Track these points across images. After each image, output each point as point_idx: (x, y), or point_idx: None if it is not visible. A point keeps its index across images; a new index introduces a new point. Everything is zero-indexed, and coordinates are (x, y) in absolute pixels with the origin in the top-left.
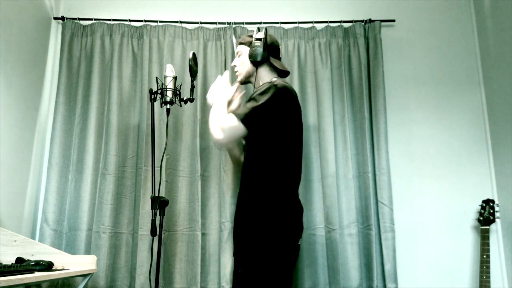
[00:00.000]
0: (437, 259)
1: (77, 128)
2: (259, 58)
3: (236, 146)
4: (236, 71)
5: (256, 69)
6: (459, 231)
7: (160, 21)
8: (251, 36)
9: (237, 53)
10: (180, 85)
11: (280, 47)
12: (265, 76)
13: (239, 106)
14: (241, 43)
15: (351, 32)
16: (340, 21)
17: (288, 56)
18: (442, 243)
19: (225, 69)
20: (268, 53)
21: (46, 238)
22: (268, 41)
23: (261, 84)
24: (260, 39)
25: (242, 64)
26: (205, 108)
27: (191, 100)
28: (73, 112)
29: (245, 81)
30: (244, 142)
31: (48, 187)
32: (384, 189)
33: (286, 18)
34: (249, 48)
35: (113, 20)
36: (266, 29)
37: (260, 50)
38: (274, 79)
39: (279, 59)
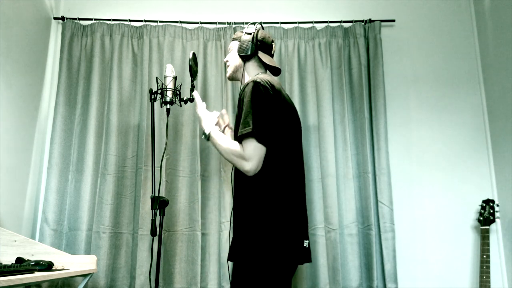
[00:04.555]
0: (437, 259)
1: (77, 128)
2: (247, 52)
3: None
4: (228, 66)
5: (244, 64)
6: (459, 231)
7: (160, 21)
8: (242, 32)
9: (229, 48)
10: (180, 85)
11: (273, 44)
12: (252, 71)
13: (236, 126)
14: (233, 39)
15: (351, 32)
16: (340, 21)
17: (288, 56)
18: (442, 243)
19: (226, 68)
20: (257, 47)
21: (46, 238)
22: (259, 36)
23: (244, 80)
24: (250, 33)
25: (232, 59)
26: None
27: (191, 100)
28: (73, 112)
29: (233, 77)
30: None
31: (48, 187)
32: (384, 189)
33: (286, 18)
34: (238, 43)
35: (113, 20)
36: (261, 24)
37: (248, 44)
38: (255, 76)
39: (271, 55)
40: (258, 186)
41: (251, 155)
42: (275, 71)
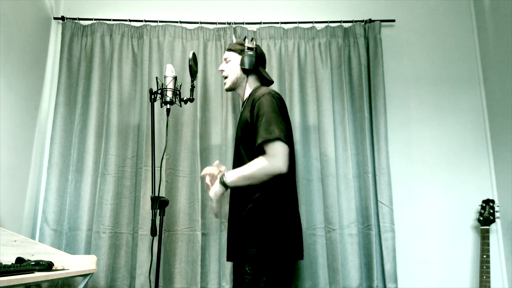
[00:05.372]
0: (437, 259)
1: (77, 128)
2: (251, 66)
3: None
4: (226, 76)
5: (247, 77)
6: (459, 231)
7: (160, 21)
8: (240, 44)
9: (225, 58)
10: (180, 85)
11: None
12: (252, 84)
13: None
14: (230, 49)
15: (351, 32)
16: (340, 21)
17: (288, 56)
18: (442, 243)
19: (222, 77)
20: (258, 62)
21: (46, 238)
22: (258, 51)
23: (246, 91)
24: (252, 48)
25: (231, 71)
26: (205, 108)
27: (191, 100)
28: (73, 112)
29: (232, 88)
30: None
31: (48, 187)
32: (384, 189)
33: (286, 18)
34: (238, 55)
35: (113, 20)
36: (253, 38)
37: (253, 59)
38: (263, 88)
39: (265, 68)
40: (259, 185)
41: (279, 152)
42: (269, 83)
